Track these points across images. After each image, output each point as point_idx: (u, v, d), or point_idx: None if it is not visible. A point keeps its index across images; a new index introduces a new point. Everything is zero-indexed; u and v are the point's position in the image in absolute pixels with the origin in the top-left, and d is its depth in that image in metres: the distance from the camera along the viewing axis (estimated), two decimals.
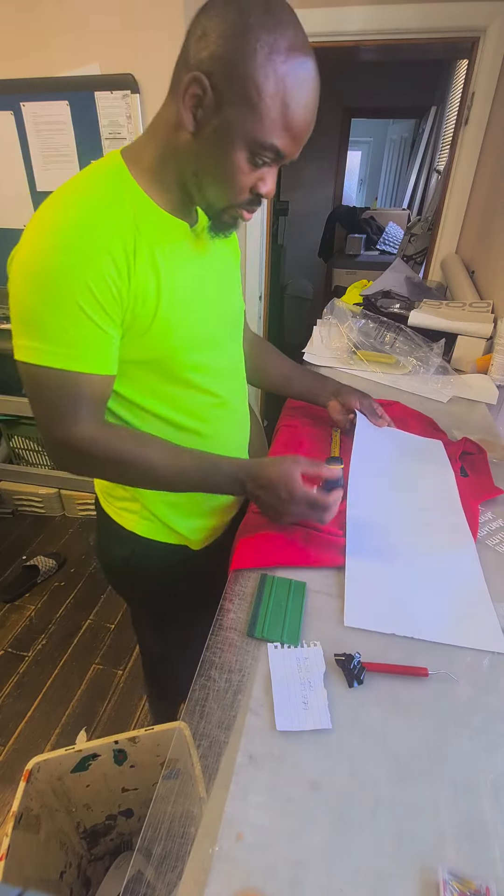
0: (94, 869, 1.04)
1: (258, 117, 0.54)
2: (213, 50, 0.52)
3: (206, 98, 0.54)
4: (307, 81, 0.54)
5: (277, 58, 0.52)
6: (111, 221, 0.59)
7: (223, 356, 0.79)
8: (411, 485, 0.89)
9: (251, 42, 0.51)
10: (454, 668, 0.58)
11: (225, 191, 0.61)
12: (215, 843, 0.43)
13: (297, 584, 0.68)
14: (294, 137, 0.57)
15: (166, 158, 0.62)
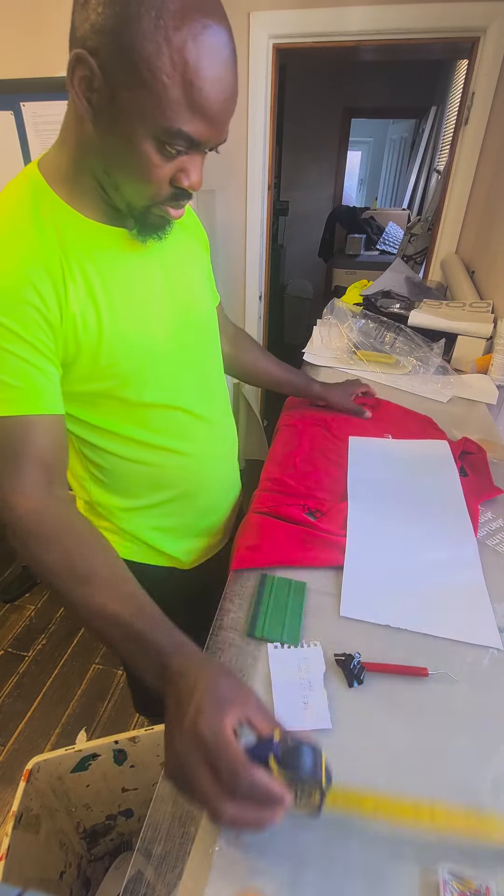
0: (93, 869, 1.04)
1: (156, 100, 0.44)
2: (94, 20, 0.43)
3: (95, 79, 0.46)
4: (214, 49, 0.44)
5: (169, 23, 0.42)
6: (30, 251, 0.53)
7: (189, 367, 0.71)
8: (413, 485, 0.89)
9: (132, 6, 0.41)
10: (454, 668, 0.58)
11: (140, 187, 0.53)
12: (215, 843, 0.43)
13: (297, 584, 0.68)
14: (204, 117, 0.47)
15: (79, 161, 0.54)
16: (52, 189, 0.56)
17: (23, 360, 0.53)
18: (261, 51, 1.88)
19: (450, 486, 0.88)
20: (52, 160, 0.57)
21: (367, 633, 0.62)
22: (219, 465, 0.83)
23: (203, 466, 0.78)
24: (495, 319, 1.41)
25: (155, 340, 0.65)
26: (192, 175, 0.52)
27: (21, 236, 0.53)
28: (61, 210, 0.56)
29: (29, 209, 0.54)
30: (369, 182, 5.79)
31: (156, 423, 0.70)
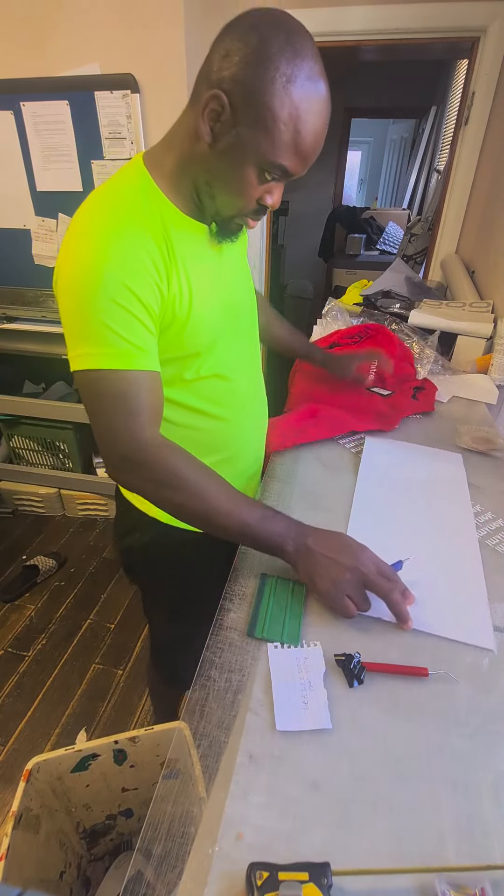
0: (93, 869, 1.04)
1: (271, 140, 0.57)
2: (235, 72, 0.55)
3: (223, 114, 0.57)
4: (319, 110, 0.58)
5: (293, 87, 0.55)
6: (145, 226, 0.62)
7: (241, 345, 0.82)
8: (419, 494, 0.89)
9: (270, 71, 0.54)
10: (454, 668, 0.58)
11: (234, 201, 0.65)
12: (215, 843, 0.43)
13: (298, 584, 0.68)
14: (302, 159, 0.60)
15: (184, 166, 0.65)
16: (156, 183, 0.65)
17: (141, 322, 0.62)
18: None
19: (460, 501, 0.88)
20: (157, 157, 0.67)
21: (367, 633, 0.62)
22: (255, 430, 0.92)
23: (243, 431, 0.87)
24: (495, 319, 1.41)
25: (220, 321, 0.75)
26: (276, 196, 0.65)
27: (139, 214, 0.63)
28: (163, 201, 0.66)
29: (140, 192, 0.64)
30: (369, 182, 5.79)
31: (205, 390, 0.78)
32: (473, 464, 0.99)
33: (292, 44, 0.55)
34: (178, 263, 0.66)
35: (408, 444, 1.03)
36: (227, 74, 0.56)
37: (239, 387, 0.83)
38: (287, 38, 0.55)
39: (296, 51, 0.55)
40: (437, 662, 0.58)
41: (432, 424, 1.13)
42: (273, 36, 0.54)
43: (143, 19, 1.62)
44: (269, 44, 0.54)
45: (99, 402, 0.64)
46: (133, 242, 0.61)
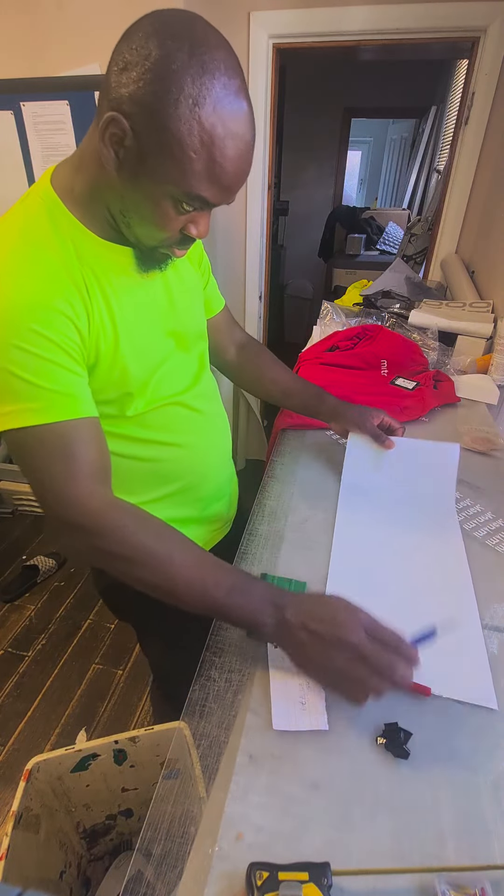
0: (93, 869, 1.04)
1: (182, 171, 0.50)
2: (133, 91, 0.47)
3: (126, 139, 0.50)
4: (238, 132, 0.50)
5: (202, 110, 0.47)
6: (56, 262, 0.56)
7: (185, 372, 0.76)
8: (409, 542, 0.79)
9: (173, 92, 0.46)
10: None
11: (153, 232, 0.58)
12: (215, 843, 0.43)
13: (297, 583, 0.68)
14: (223, 188, 0.53)
15: (94, 191, 0.58)
16: (67, 208, 0.58)
17: (61, 366, 0.55)
18: (261, 51, 1.88)
19: (447, 511, 0.83)
20: (66, 180, 0.59)
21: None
22: (216, 455, 0.84)
23: (201, 457, 0.79)
24: (495, 319, 1.41)
25: (159, 351, 0.69)
26: (201, 227, 0.58)
27: (45, 249, 0.56)
28: (75, 227, 0.59)
29: (48, 224, 0.57)
30: (369, 182, 5.79)
31: (154, 420, 0.71)
32: (473, 464, 0.99)
33: (199, 57, 0.46)
34: (97, 297, 0.59)
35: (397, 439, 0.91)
36: (125, 93, 0.48)
37: (195, 411, 0.77)
38: (191, 50, 0.46)
39: (203, 66, 0.46)
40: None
41: (432, 424, 1.13)
42: (175, 48, 0.46)
43: None
44: (171, 58, 0.46)
45: (30, 462, 0.57)
46: (40, 280, 0.54)
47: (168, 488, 0.77)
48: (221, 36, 0.50)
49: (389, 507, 0.84)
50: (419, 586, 0.70)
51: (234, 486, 0.94)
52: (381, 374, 1.30)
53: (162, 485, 0.77)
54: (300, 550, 0.76)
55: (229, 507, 0.92)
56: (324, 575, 0.71)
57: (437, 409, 1.18)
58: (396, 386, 1.24)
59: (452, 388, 1.24)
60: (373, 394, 1.20)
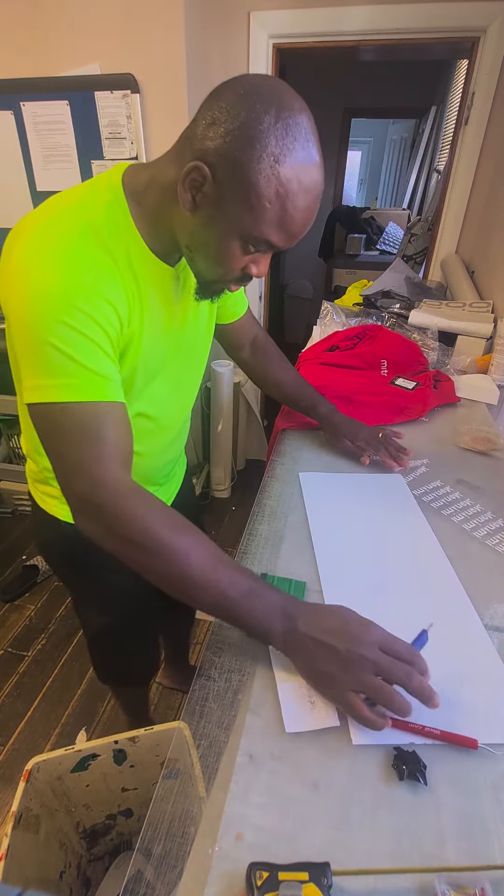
0: (93, 869, 1.04)
1: (255, 217, 0.54)
2: (219, 145, 0.52)
3: (205, 185, 0.54)
4: (310, 189, 0.54)
5: (281, 167, 0.51)
6: (110, 258, 0.58)
7: (176, 390, 0.78)
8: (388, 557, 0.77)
9: (257, 149, 0.50)
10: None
11: (215, 269, 0.61)
12: (215, 843, 0.43)
13: (298, 583, 0.68)
14: (290, 235, 0.57)
15: (163, 215, 0.60)
16: (131, 213, 0.61)
17: (101, 349, 0.57)
18: (261, 51, 1.88)
19: (421, 533, 0.80)
20: (139, 190, 0.61)
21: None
22: (165, 462, 0.88)
23: (150, 463, 0.82)
24: (495, 319, 1.41)
25: (164, 368, 0.72)
26: (261, 267, 0.62)
27: (103, 243, 0.58)
28: (132, 234, 0.61)
29: (110, 221, 0.59)
30: (369, 182, 5.79)
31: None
32: (473, 464, 0.99)
33: (284, 120, 0.50)
34: (136, 300, 0.62)
35: (342, 475, 0.95)
36: (212, 146, 0.52)
37: (163, 428, 0.79)
38: (278, 114, 0.50)
39: (287, 128, 0.51)
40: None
41: (432, 424, 1.13)
42: (263, 111, 0.50)
43: (143, 19, 1.62)
44: (259, 119, 0.50)
45: (59, 438, 0.57)
46: (94, 268, 0.56)
47: None
48: (303, 102, 0.54)
49: (361, 532, 0.81)
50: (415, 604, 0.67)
51: (179, 481, 0.99)
52: (381, 374, 1.30)
53: None
54: (300, 550, 0.76)
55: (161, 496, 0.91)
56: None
57: (437, 409, 1.18)
58: (396, 386, 1.24)
59: (452, 388, 1.24)
60: (373, 394, 1.20)
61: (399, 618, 0.64)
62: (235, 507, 2.46)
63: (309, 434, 1.07)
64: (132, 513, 0.56)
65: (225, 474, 2.45)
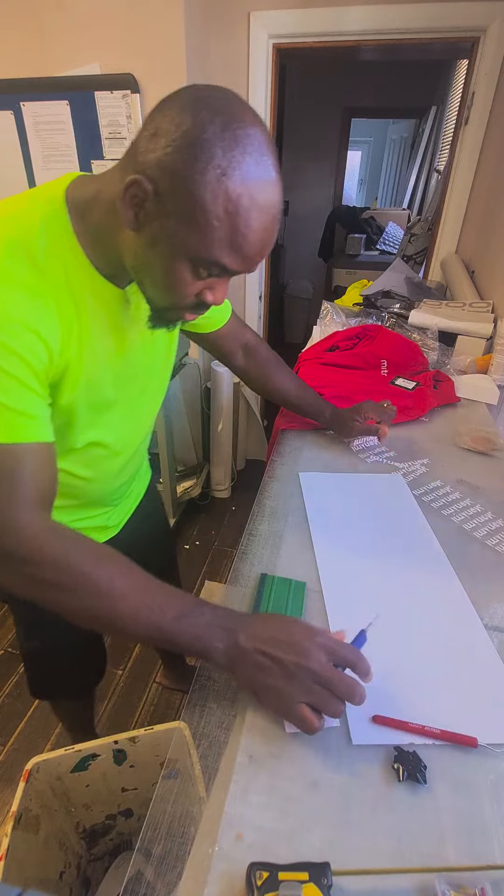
0: (93, 869, 1.04)
1: (203, 237, 0.49)
2: (161, 157, 0.47)
3: (148, 201, 0.49)
4: (265, 208, 0.49)
5: (231, 182, 0.46)
6: (42, 280, 0.53)
7: (130, 418, 0.74)
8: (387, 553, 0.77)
9: (202, 161, 0.45)
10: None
11: (165, 295, 0.56)
12: (215, 843, 0.43)
13: (298, 583, 0.68)
14: (246, 258, 0.51)
15: (108, 234, 0.55)
16: (74, 230, 0.56)
17: (25, 385, 0.52)
18: (261, 51, 1.88)
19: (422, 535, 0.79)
20: (83, 206, 0.56)
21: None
22: (119, 484, 0.83)
23: (102, 487, 0.78)
24: (495, 319, 1.41)
25: (117, 396, 0.67)
26: (218, 294, 0.57)
27: (35, 262, 0.53)
28: (74, 252, 0.56)
29: (46, 236, 0.54)
30: (369, 182, 5.80)
31: (77, 456, 0.69)
32: (473, 464, 0.99)
33: (232, 131, 0.46)
34: (75, 325, 0.56)
35: (342, 475, 0.95)
36: (153, 158, 0.47)
37: (117, 454, 0.75)
38: (226, 124, 0.46)
39: (236, 139, 0.46)
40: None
41: (432, 424, 1.13)
42: (209, 120, 0.46)
43: (143, 19, 1.62)
44: (204, 128, 0.45)
45: None
46: (19, 294, 0.51)
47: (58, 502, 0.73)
48: (258, 116, 0.50)
49: (362, 532, 0.80)
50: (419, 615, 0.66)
51: (133, 492, 0.93)
52: (381, 374, 1.30)
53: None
54: (300, 550, 0.76)
55: (116, 516, 0.89)
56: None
57: (437, 409, 1.18)
58: (396, 386, 1.24)
59: (452, 388, 1.24)
60: (373, 393, 1.20)
61: (399, 617, 0.64)
62: (235, 507, 2.46)
63: (309, 434, 1.07)
64: (48, 553, 0.52)
65: (225, 474, 2.45)
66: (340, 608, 0.66)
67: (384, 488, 0.91)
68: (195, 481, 2.32)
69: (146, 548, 0.90)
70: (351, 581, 0.71)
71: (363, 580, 0.71)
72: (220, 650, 0.50)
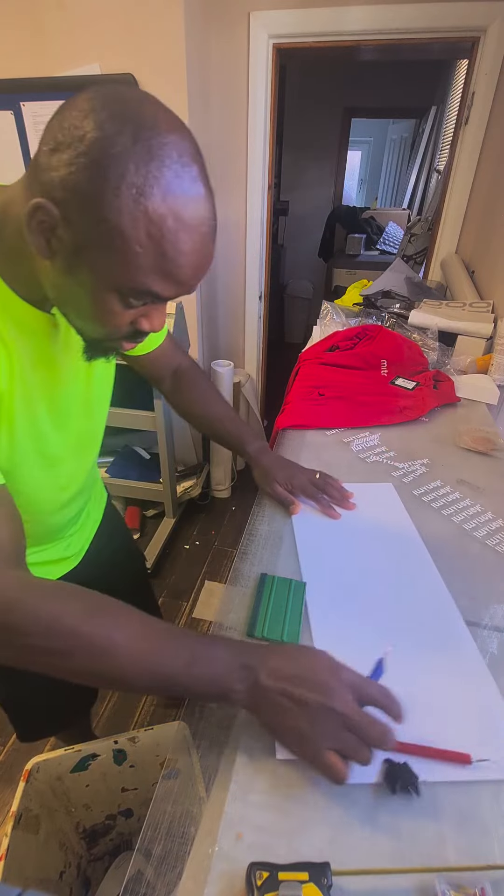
0: (93, 869, 1.04)
1: (126, 265, 0.42)
2: (64, 176, 0.40)
3: (57, 228, 0.42)
4: (194, 227, 0.43)
5: (150, 201, 0.40)
6: None
7: (79, 445, 0.68)
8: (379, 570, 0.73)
9: (112, 180, 0.39)
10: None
11: (95, 328, 0.50)
12: (215, 843, 0.43)
13: (298, 584, 0.68)
14: (178, 284, 0.45)
15: (23, 256, 0.48)
16: None
17: None
18: (261, 51, 1.88)
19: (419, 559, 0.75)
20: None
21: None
22: (72, 516, 0.78)
23: (52, 521, 0.73)
24: (495, 319, 1.41)
25: (58, 426, 0.62)
26: (155, 321, 0.51)
27: None
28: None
29: None
30: (369, 182, 5.80)
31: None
32: (473, 464, 0.99)
33: (145, 141, 0.39)
34: (10, 358, 0.51)
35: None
36: (57, 178, 0.40)
37: (63, 488, 0.70)
38: (137, 134, 0.39)
39: (150, 151, 0.39)
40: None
41: (432, 425, 1.13)
42: (116, 130, 0.39)
43: (143, 19, 1.62)
44: (111, 141, 0.39)
45: None
46: None
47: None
48: (176, 119, 0.43)
49: (346, 536, 0.79)
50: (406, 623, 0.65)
51: (89, 519, 0.87)
52: (381, 374, 1.30)
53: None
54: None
55: (74, 545, 0.83)
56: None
57: (437, 409, 1.18)
58: (396, 386, 1.24)
59: (452, 388, 1.24)
60: (373, 394, 1.20)
61: (379, 623, 0.64)
62: (235, 507, 2.46)
63: (309, 433, 1.07)
64: (33, 616, 0.45)
65: (225, 474, 2.45)
66: (322, 613, 0.65)
67: (374, 496, 0.88)
68: (195, 481, 2.32)
69: (112, 570, 0.89)
70: (332, 586, 0.70)
71: (344, 585, 0.70)
72: (241, 692, 0.46)
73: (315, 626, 0.63)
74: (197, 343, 2.16)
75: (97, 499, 0.91)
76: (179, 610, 1.89)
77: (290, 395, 1.21)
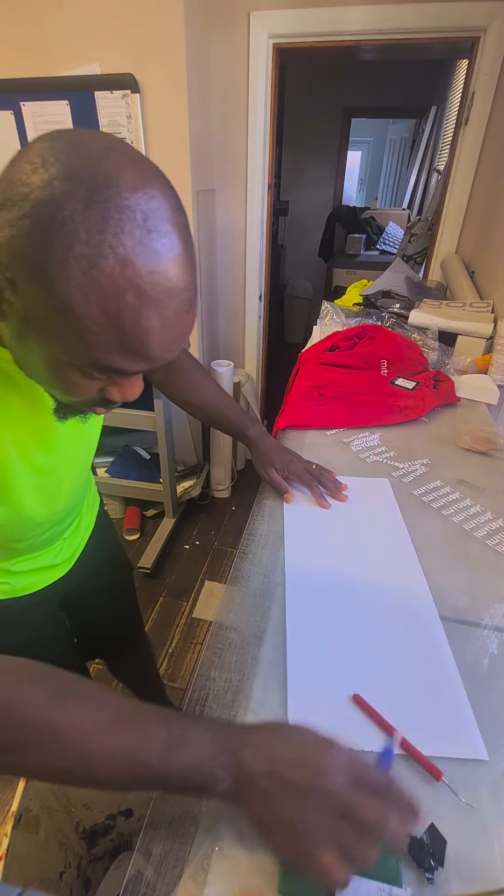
0: (93, 869, 1.04)
1: (82, 343, 0.37)
2: (8, 239, 0.35)
3: (5, 291, 0.37)
4: (160, 296, 0.36)
5: (103, 275, 0.34)
6: None
7: (60, 484, 0.64)
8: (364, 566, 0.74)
9: (59, 250, 0.33)
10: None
11: (60, 395, 0.46)
12: (215, 843, 0.43)
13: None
14: (147, 359, 0.40)
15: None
16: None
17: None
18: (261, 51, 1.88)
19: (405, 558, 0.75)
20: None
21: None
22: (57, 533, 0.76)
23: (43, 536, 0.71)
24: (495, 319, 1.41)
25: (46, 471, 0.59)
26: (128, 391, 0.46)
27: None
28: None
29: None
30: (369, 182, 5.80)
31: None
32: (473, 464, 0.99)
33: (101, 203, 0.34)
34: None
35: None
36: (2, 238, 0.35)
37: (53, 514, 0.67)
38: (92, 193, 0.33)
39: (106, 214, 0.34)
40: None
41: (432, 424, 1.13)
42: (68, 189, 0.33)
43: (143, 19, 1.62)
44: (60, 202, 0.33)
45: None
46: None
47: None
48: (149, 171, 0.37)
49: (335, 532, 0.79)
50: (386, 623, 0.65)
51: (81, 528, 0.85)
52: (381, 374, 1.30)
53: None
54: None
55: (65, 551, 0.81)
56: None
57: (437, 409, 1.18)
58: (396, 386, 1.24)
59: (452, 388, 1.24)
60: (373, 394, 1.20)
61: (356, 614, 0.65)
62: (235, 507, 2.46)
63: (309, 433, 1.07)
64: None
65: (225, 474, 2.45)
66: (298, 600, 0.67)
67: (369, 492, 0.88)
68: (195, 481, 2.32)
69: (103, 578, 0.88)
70: (317, 582, 0.70)
71: (329, 580, 0.70)
72: (225, 780, 0.38)
73: (290, 615, 0.64)
74: (197, 343, 2.17)
75: (90, 504, 0.89)
76: (179, 610, 1.89)
77: (290, 395, 1.21)
